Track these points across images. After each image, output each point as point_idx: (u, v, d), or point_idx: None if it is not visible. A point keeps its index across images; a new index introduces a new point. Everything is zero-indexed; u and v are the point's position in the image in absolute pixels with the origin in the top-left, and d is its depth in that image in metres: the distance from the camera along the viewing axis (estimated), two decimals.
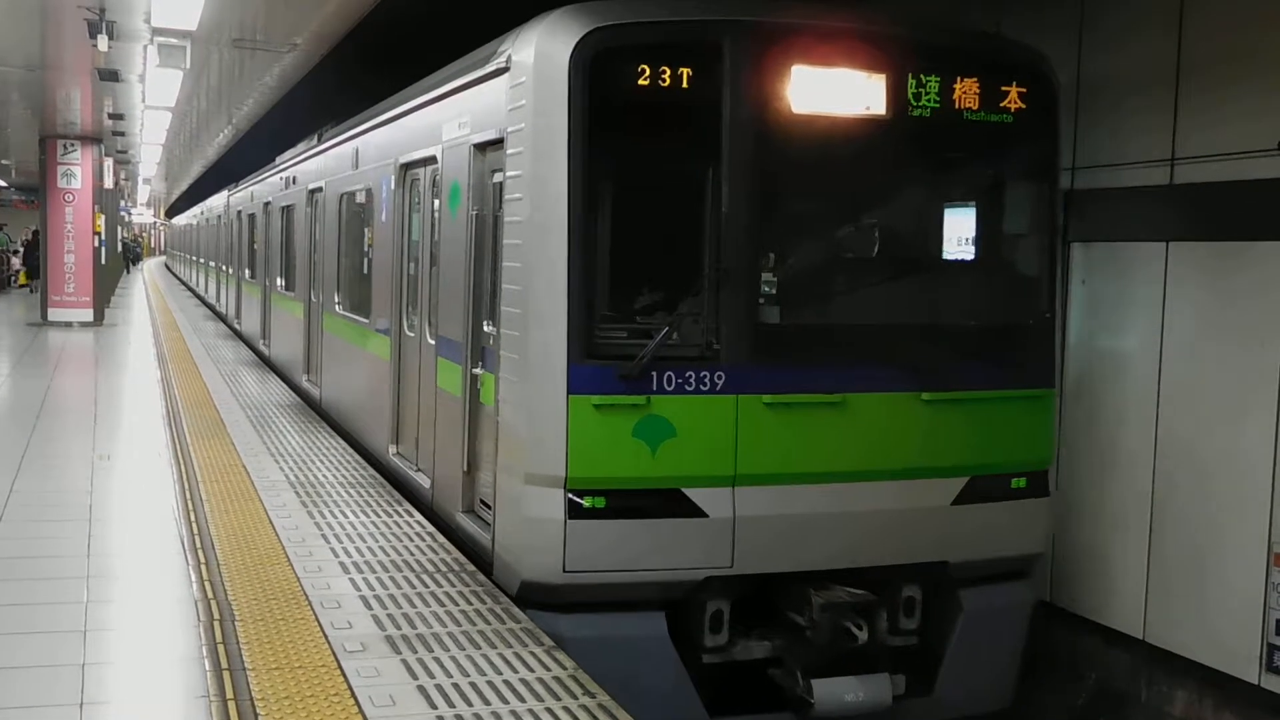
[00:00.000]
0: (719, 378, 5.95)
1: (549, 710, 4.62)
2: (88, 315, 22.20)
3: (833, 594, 6.10)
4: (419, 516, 7.70)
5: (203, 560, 6.52)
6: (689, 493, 5.96)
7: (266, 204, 17.24)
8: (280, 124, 18.95)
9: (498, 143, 6.47)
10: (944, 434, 6.37)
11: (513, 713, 4.59)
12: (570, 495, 5.87)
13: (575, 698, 4.75)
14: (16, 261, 37.84)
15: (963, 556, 6.49)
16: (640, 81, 5.83)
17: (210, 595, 5.91)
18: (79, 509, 7.71)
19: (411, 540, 7.08)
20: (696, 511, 5.96)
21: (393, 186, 8.96)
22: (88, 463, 9.23)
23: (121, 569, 6.50)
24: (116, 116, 18.53)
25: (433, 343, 7.82)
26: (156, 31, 11.27)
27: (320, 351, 12.47)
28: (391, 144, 9.23)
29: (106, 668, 5.08)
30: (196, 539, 6.95)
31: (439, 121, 7.76)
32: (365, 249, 10.44)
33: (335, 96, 15.05)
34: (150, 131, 21.84)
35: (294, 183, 14.50)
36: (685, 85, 5.87)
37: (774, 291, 6.32)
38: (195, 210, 39.57)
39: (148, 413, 11.82)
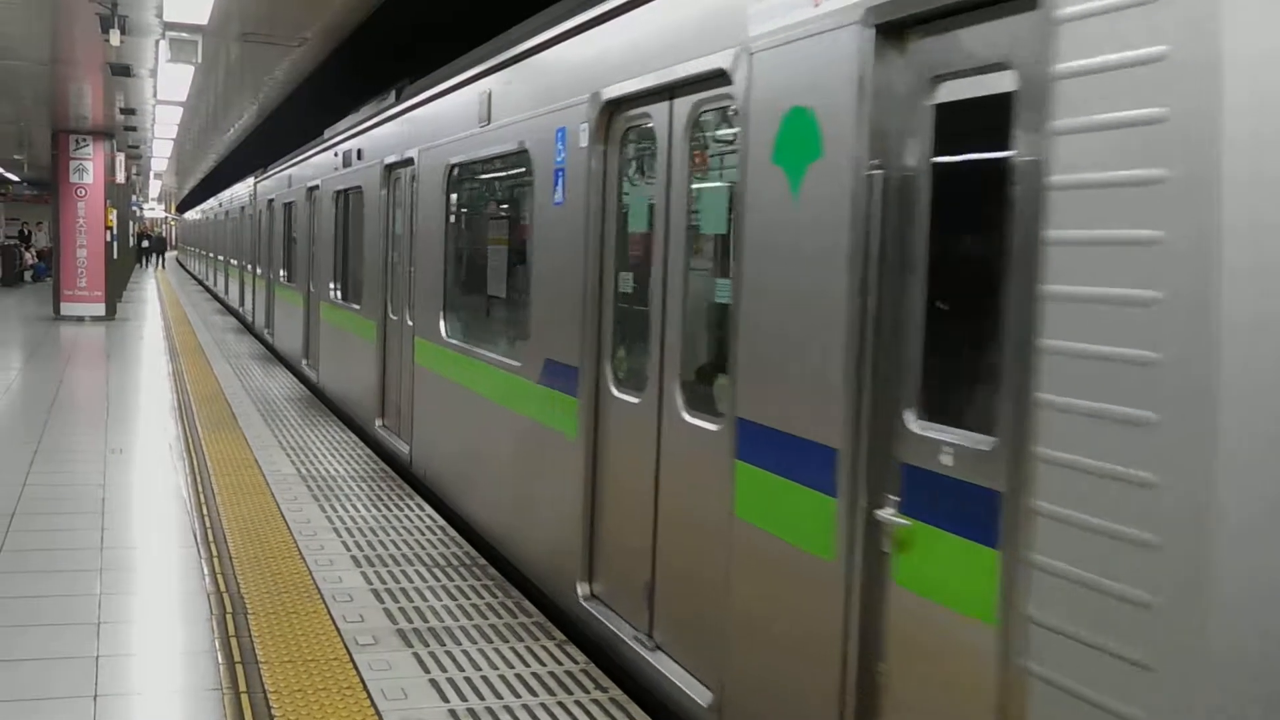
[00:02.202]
0: None
1: (560, 704, 4.62)
2: (100, 310, 22.29)
3: None
4: (429, 510, 7.68)
5: (215, 553, 6.53)
6: None
7: (312, 189, 13.68)
8: (295, 117, 18.96)
9: (979, 7, 3.04)
10: None
11: (524, 706, 4.59)
12: None
13: (587, 692, 4.75)
14: (29, 256, 38.07)
15: None
16: None
17: (222, 588, 5.92)
18: (92, 502, 7.73)
19: (423, 534, 7.09)
20: None
21: (582, 143, 5.43)
22: (100, 456, 9.26)
23: (134, 562, 6.51)
24: (128, 111, 18.57)
25: (712, 428, 4.32)
26: (168, 26, 11.30)
27: (412, 394, 8.67)
28: (575, 74, 5.62)
29: (120, 660, 5.08)
30: (209, 532, 6.97)
31: (730, 6, 4.12)
32: (509, 248, 6.97)
33: (355, 87, 14.87)
34: (162, 126, 21.90)
35: (358, 158, 10.89)
36: None
37: None
38: (213, 201, 34.33)
39: (159, 406, 11.86)
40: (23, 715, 4.47)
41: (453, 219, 7.95)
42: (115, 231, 23.73)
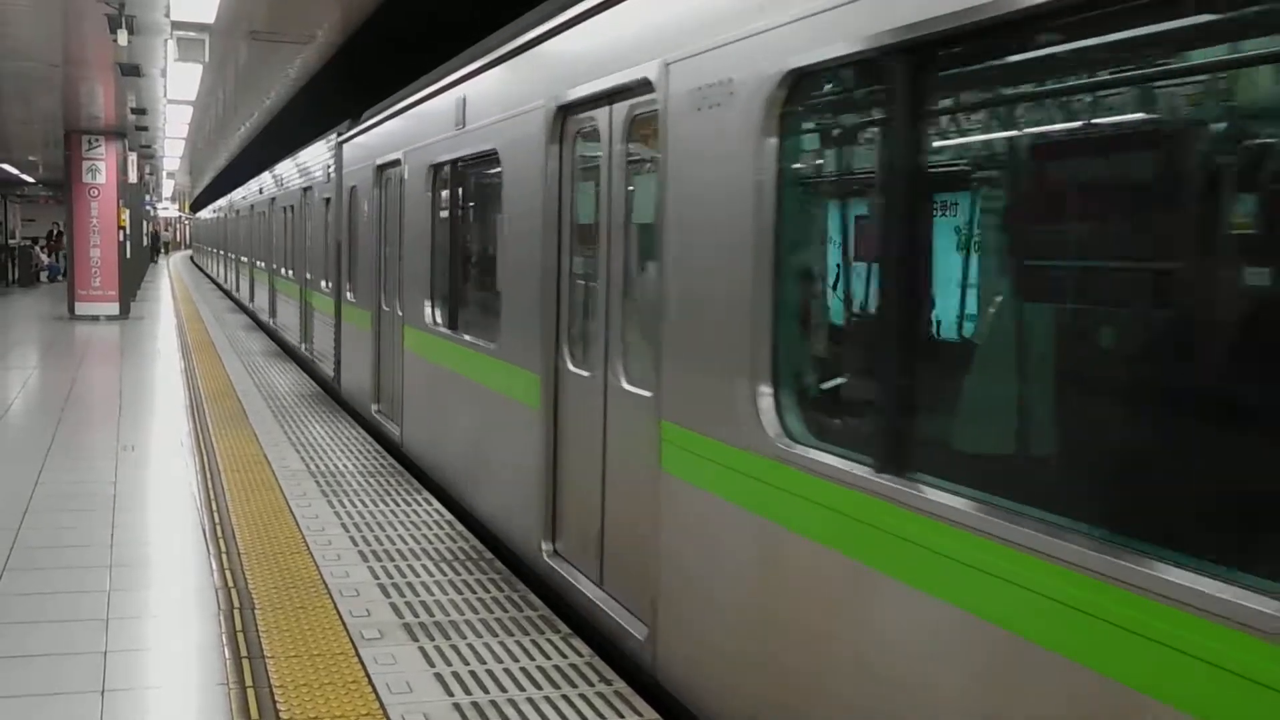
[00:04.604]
0: None
1: (565, 697, 4.64)
2: (113, 309, 22.41)
3: None
4: (437, 505, 7.72)
5: (223, 549, 6.57)
6: None
7: (517, 141, 6.36)
8: (310, 114, 18.98)
9: None
10: None
11: (529, 699, 4.60)
12: None
13: (591, 685, 4.76)
14: (45, 257, 38.30)
15: None
16: None
17: (230, 584, 5.96)
18: (103, 499, 7.78)
19: (430, 528, 7.11)
20: None
21: None
22: (112, 454, 9.31)
23: (144, 558, 6.56)
24: (139, 111, 18.65)
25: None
26: (175, 25, 11.35)
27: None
28: None
29: (128, 655, 5.12)
30: (218, 528, 7.00)
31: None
32: None
33: (372, 79, 14.74)
34: (173, 125, 21.98)
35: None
36: None
37: None
38: (252, 186, 24.78)
39: (171, 404, 11.92)
40: (33, 709, 4.51)
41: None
42: (128, 231, 23.83)
